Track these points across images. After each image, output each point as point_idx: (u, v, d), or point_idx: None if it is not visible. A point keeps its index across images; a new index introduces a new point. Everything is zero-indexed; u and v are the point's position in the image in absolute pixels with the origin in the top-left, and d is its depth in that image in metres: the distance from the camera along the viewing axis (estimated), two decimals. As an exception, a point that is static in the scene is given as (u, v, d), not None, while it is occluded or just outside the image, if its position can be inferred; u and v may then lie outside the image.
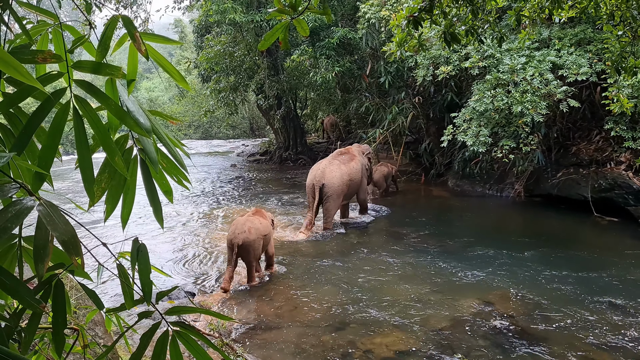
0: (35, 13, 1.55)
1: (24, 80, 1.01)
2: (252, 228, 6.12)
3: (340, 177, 8.90)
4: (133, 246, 1.35)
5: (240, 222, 6.23)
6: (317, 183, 8.77)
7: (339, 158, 9.39)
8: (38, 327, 1.30)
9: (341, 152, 9.75)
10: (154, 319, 1.38)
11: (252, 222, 6.21)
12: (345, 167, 9.14)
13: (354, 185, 9.30)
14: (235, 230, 6.10)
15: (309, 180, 9.03)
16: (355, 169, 9.33)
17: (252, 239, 6.07)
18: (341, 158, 9.39)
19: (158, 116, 1.51)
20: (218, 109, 18.39)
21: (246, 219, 6.26)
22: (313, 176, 8.95)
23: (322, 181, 8.78)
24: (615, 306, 5.52)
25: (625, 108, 5.78)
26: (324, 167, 9.04)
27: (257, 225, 6.21)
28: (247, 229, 6.08)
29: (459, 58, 10.03)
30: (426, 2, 3.87)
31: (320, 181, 8.78)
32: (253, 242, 6.08)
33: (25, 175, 1.32)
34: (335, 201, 8.91)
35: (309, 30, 14.20)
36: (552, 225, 9.32)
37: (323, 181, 8.78)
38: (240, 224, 6.16)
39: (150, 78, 42.30)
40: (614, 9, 4.58)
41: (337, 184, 8.83)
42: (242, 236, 6.02)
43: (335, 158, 9.40)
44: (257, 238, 6.13)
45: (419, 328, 5.06)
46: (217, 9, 13.70)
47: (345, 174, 9.03)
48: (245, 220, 6.21)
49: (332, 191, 8.80)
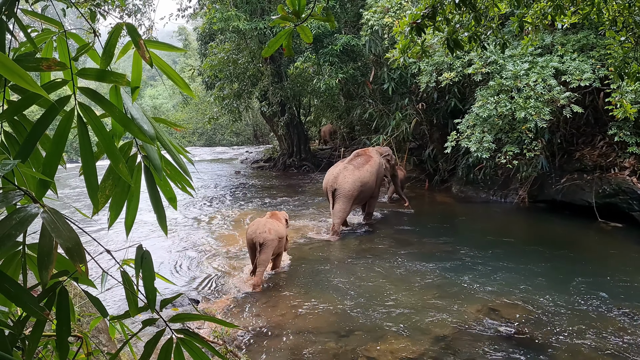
0: (40, 21, 1.56)
1: (29, 88, 1.01)
2: (272, 229, 6.55)
3: (352, 182, 9.01)
4: (137, 253, 1.35)
5: (261, 222, 6.65)
6: (330, 188, 9.06)
7: (355, 162, 9.50)
8: (42, 334, 1.29)
9: (358, 154, 9.84)
10: (158, 327, 1.38)
11: (272, 224, 6.65)
12: (359, 171, 9.22)
13: (367, 189, 9.37)
14: (257, 230, 6.49)
15: (324, 184, 9.37)
16: (369, 172, 9.38)
17: (271, 238, 6.48)
18: (356, 162, 9.50)
19: (162, 123, 1.52)
20: (222, 116, 18.44)
21: (266, 221, 6.69)
22: (327, 180, 9.25)
23: (335, 185, 9.02)
24: (620, 312, 5.48)
25: (628, 113, 5.77)
26: (338, 171, 9.22)
27: (275, 227, 6.65)
28: (267, 230, 6.50)
29: (462, 64, 10.04)
30: (429, 9, 3.88)
31: (333, 185, 9.03)
32: (272, 242, 6.48)
33: (30, 182, 1.32)
34: (345, 204, 9.00)
35: (313, 37, 14.10)
36: (556, 231, 9.29)
37: (335, 185, 9.01)
38: (262, 225, 6.57)
39: (154, 85, 42.51)
40: (617, 14, 4.58)
41: (347, 189, 8.95)
42: (263, 235, 6.42)
43: (351, 161, 9.53)
44: (275, 238, 6.53)
45: (423, 335, 5.04)
46: (220, 16, 13.77)
47: (358, 179, 9.10)
48: (265, 222, 6.65)
49: (343, 195, 8.96)
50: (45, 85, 1.27)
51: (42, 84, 1.29)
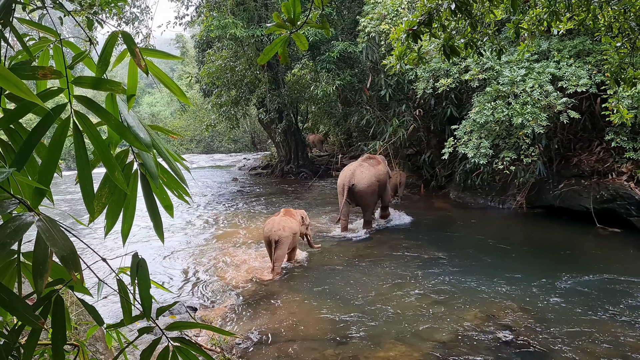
0: (37, 30, 1.56)
1: (24, 97, 1.01)
2: (286, 227, 7.12)
3: (368, 178, 9.67)
4: (133, 261, 1.35)
5: (275, 221, 7.21)
6: (348, 184, 9.56)
7: (368, 162, 10.12)
8: (37, 343, 1.29)
9: (369, 157, 10.45)
10: (155, 334, 1.38)
11: (286, 221, 7.22)
12: (374, 169, 9.94)
13: (381, 186, 10.02)
14: (272, 229, 7.05)
15: (340, 182, 9.88)
16: (382, 171, 10.12)
17: (286, 235, 7.05)
18: (369, 162, 10.14)
19: (158, 131, 1.52)
20: (219, 123, 18.45)
21: (280, 219, 7.26)
22: (344, 177, 9.78)
23: (352, 181, 9.56)
24: (619, 318, 5.47)
25: (625, 119, 5.79)
26: (354, 168, 9.85)
27: (289, 224, 7.23)
28: (282, 227, 7.07)
29: (458, 70, 10.07)
30: (425, 16, 3.90)
31: (351, 181, 9.56)
32: (286, 239, 7.06)
33: (25, 190, 1.32)
34: (370, 198, 9.79)
35: (309, 44, 14.11)
36: (554, 237, 9.29)
37: (353, 181, 9.56)
38: (277, 223, 7.13)
39: (152, 93, 42.55)
40: (612, 20, 4.61)
41: (365, 184, 9.59)
42: (278, 233, 6.99)
43: (364, 161, 10.13)
44: (289, 235, 7.11)
45: (422, 341, 5.02)
46: (218, 24, 13.80)
47: (374, 175, 9.78)
48: (279, 220, 7.22)
49: (362, 190, 9.58)
50: (41, 94, 1.27)
51: (38, 93, 1.29)
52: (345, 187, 9.54)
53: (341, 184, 9.75)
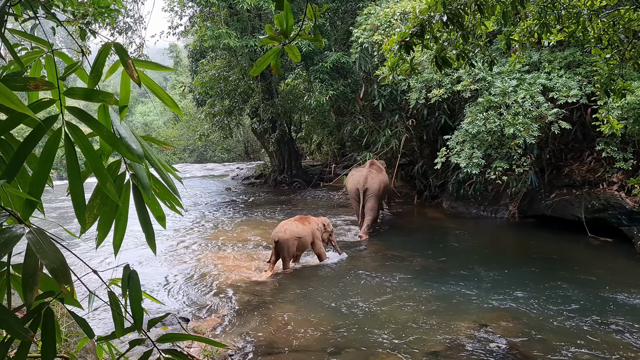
0: (29, 41, 1.56)
1: (15, 108, 1.01)
2: (288, 230, 7.48)
3: (379, 182, 10.49)
4: (124, 273, 1.34)
5: (281, 224, 7.65)
6: (362, 188, 10.28)
7: (373, 167, 10.93)
8: (27, 356, 1.27)
9: (372, 163, 11.25)
10: (146, 346, 1.36)
11: (290, 225, 7.59)
12: (381, 174, 10.85)
13: (386, 189, 10.95)
14: (276, 230, 7.54)
15: (352, 186, 10.59)
16: (386, 176, 11.13)
17: (285, 238, 7.40)
18: (374, 167, 10.97)
19: (150, 142, 1.51)
20: (213, 133, 18.46)
21: (285, 222, 7.70)
22: (356, 181, 10.50)
23: (366, 185, 10.31)
24: (610, 327, 5.48)
25: (615, 129, 5.83)
26: (366, 174, 10.55)
27: (293, 228, 7.55)
28: (283, 230, 7.48)
29: (451, 81, 10.14)
30: (417, 28, 3.93)
31: (365, 185, 10.31)
32: (286, 241, 7.41)
33: (16, 202, 1.31)
34: (377, 201, 10.40)
35: (303, 54, 14.20)
36: (546, 246, 9.32)
37: (367, 185, 10.30)
38: (280, 226, 7.59)
39: (145, 102, 42.52)
40: (602, 32, 4.66)
41: (376, 188, 10.35)
42: (278, 235, 7.42)
43: (370, 167, 10.91)
44: (290, 238, 7.45)
45: (416, 351, 5.00)
46: (211, 34, 13.85)
47: (382, 180, 10.67)
48: (284, 223, 7.66)
49: (373, 193, 10.29)
50: (33, 105, 1.27)
51: (30, 104, 1.29)
52: (360, 191, 10.24)
53: (354, 189, 10.45)
